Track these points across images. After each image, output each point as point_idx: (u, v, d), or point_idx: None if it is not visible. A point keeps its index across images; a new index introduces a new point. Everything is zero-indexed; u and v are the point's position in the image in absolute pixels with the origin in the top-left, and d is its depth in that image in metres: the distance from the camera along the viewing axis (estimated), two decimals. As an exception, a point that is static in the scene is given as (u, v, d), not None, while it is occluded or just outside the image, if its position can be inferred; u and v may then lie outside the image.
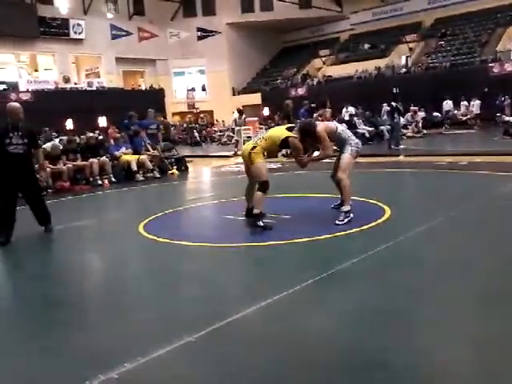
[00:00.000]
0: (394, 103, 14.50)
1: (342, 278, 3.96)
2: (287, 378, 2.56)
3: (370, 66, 27.09)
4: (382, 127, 17.59)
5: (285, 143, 5.80)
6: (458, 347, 2.80)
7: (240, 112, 18.30)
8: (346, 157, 5.97)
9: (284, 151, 14.80)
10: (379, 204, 6.54)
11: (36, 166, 6.63)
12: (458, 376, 2.55)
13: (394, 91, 14.93)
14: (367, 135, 16.91)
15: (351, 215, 5.69)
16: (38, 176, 6.50)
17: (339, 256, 4.47)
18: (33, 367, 2.85)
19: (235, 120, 17.33)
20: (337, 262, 4.21)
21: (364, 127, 17.21)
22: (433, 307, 3.33)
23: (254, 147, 5.78)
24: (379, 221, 5.65)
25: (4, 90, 23.98)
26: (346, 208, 5.78)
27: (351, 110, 19.00)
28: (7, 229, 5.89)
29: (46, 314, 3.72)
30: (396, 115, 14.47)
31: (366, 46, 29.73)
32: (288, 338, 2.97)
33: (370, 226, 5.45)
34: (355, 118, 17.25)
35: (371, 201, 6.80)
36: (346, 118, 17.47)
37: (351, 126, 16.78)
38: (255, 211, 5.67)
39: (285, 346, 2.88)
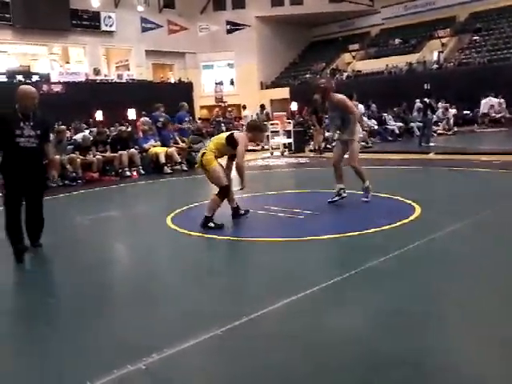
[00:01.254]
0: (426, 99, 14.22)
1: (369, 276, 3.90)
2: (312, 378, 2.54)
3: (400, 61, 26.64)
4: (412, 124, 17.31)
5: (230, 139, 5.77)
6: (488, 349, 2.74)
7: (262, 107, 18.39)
8: (356, 145, 6.61)
9: (312, 146, 14.77)
10: (409, 202, 6.44)
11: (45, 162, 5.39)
12: (487, 377, 2.49)
13: (426, 87, 14.66)
14: (397, 131, 16.69)
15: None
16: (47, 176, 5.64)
17: (366, 254, 4.41)
18: (64, 354, 2.90)
19: (257, 115, 17.36)
20: (363, 261, 4.16)
21: (394, 123, 16.98)
22: (461, 309, 3.27)
23: (204, 153, 5.76)
24: (408, 219, 5.56)
25: (36, 81, 24.42)
26: (366, 183, 6.63)
27: (361, 107, 18.55)
28: (19, 235, 5.02)
29: (76, 304, 3.78)
30: (429, 112, 14.17)
31: (397, 40, 29.25)
32: (313, 337, 2.95)
33: (398, 224, 5.37)
34: (385, 114, 17.01)
35: (401, 198, 6.70)
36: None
37: (381, 121, 16.60)
38: (206, 214, 5.65)
39: (310, 344, 2.86)
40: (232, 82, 33.07)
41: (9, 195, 4.92)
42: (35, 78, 24.55)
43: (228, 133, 6.07)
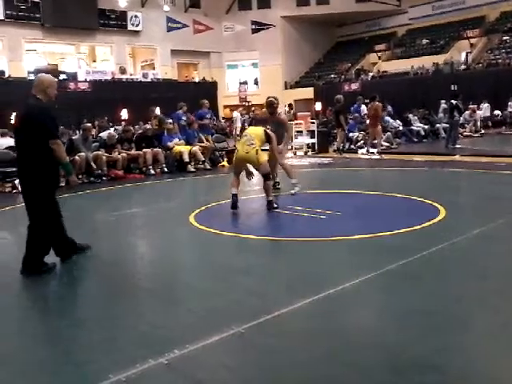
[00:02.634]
0: (453, 101, 13.98)
1: (391, 278, 3.86)
2: (332, 377, 2.53)
3: (427, 61, 26.31)
4: (437, 125, 17.08)
5: (268, 137, 6.82)
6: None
7: (289, 107, 18.37)
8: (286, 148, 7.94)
9: (335, 146, 14.70)
10: (433, 204, 6.35)
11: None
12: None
13: (453, 88, 14.43)
14: (422, 133, 16.48)
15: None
16: None
17: (389, 256, 4.37)
18: (87, 346, 2.96)
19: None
20: (386, 262, 4.12)
21: (419, 124, 16.77)
22: (485, 312, 3.21)
23: (257, 150, 6.54)
24: (433, 221, 5.49)
25: (64, 79, 24.86)
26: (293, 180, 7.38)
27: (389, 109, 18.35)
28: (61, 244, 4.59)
29: (100, 299, 3.84)
30: (455, 113, 13.93)
31: (424, 41, 28.90)
32: (335, 336, 2.94)
33: (423, 226, 5.30)
34: (410, 115, 16.81)
35: (425, 200, 6.61)
36: None
37: (406, 123, 16.41)
38: (269, 199, 6.45)
39: (331, 343, 2.85)
40: (256, 82, 33.10)
41: (49, 198, 4.40)
42: (62, 77, 24.98)
43: (262, 129, 6.89)
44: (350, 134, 14.98)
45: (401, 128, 16.28)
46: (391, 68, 28.27)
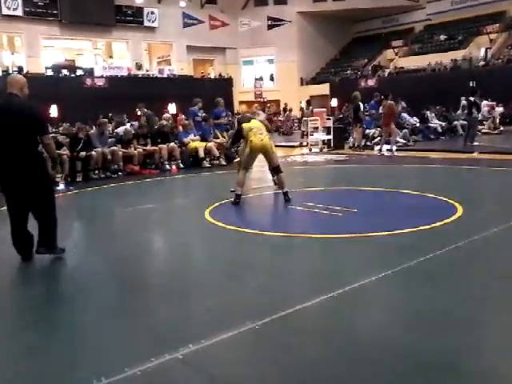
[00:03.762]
0: (471, 98, 13.78)
1: (408, 276, 3.83)
2: (345, 375, 2.52)
3: (445, 58, 25.98)
4: (455, 122, 16.88)
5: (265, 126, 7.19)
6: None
7: (308, 103, 18.28)
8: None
9: (351, 143, 14.62)
10: (450, 201, 6.28)
11: None
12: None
13: (471, 85, 14.21)
14: (439, 130, 16.31)
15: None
16: None
17: (405, 254, 4.33)
18: (102, 341, 2.98)
19: (302, 109, 17.30)
20: (403, 260, 4.08)
21: (436, 121, 16.59)
22: (502, 312, 3.17)
23: (268, 138, 6.84)
24: (450, 219, 5.43)
25: (80, 75, 25.06)
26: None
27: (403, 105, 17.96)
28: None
29: (114, 293, 3.87)
30: (474, 110, 13.73)
31: (442, 37, 28.53)
32: (349, 334, 2.92)
33: (439, 224, 5.24)
34: (427, 112, 16.64)
35: (442, 198, 6.54)
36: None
37: (423, 119, 16.25)
38: (285, 190, 6.62)
39: (345, 341, 2.84)
40: (272, 78, 33.02)
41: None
42: (79, 73, 25.22)
43: (259, 121, 7.15)
44: (367, 131, 14.87)
45: (418, 125, 16.12)
46: (408, 64, 27.98)
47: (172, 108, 23.20)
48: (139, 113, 14.10)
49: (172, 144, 11.66)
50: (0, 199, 4.71)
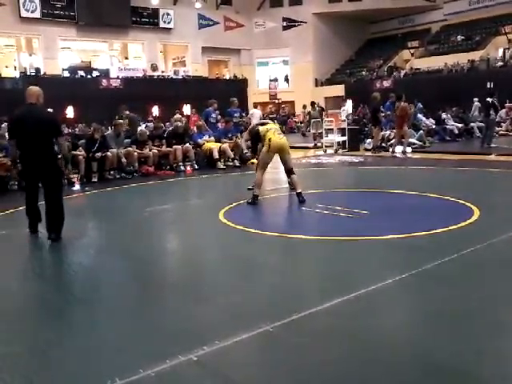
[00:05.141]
0: (489, 99, 13.60)
1: (424, 279, 3.79)
2: (358, 378, 2.49)
3: (462, 58, 25.71)
4: (472, 124, 16.69)
5: None
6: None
7: (312, 104, 18.29)
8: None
9: (367, 145, 14.52)
10: (467, 204, 6.20)
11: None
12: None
13: (489, 86, 14.02)
14: (456, 131, 16.14)
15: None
16: None
17: (421, 256, 4.28)
18: (117, 342, 3.00)
19: (309, 112, 17.26)
20: (419, 263, 4.04)
21: (453, 123, 16.42)
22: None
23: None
24: (467, 222, 5.36)
25: (96, 76, 25.28)
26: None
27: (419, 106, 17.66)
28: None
29: (130, 293, 3.88)
30: (492, 112, 13.54)
31: (460, 37, 28.22)
32: (364, 336, 2.89)
33: (456, 226, 5.18)
34: (443, 114, 16.47)
35: (459, 200, 6.47)
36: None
37: (439, 121, 16.09)
38: (299, 190, 6.61)
39: (360, 344, 2.81)
40: (286, 79, 32.98)
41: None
42: (95, 74, 25.44)
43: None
44: (382, 132, 14.77)
45: (434, 126, 15.97)
46: (424, 65, 27.73)
47: (187, 109, 23.32)
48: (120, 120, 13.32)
49: (187, 145, 11.70)
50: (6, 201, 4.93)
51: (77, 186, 9.58)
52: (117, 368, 2.62)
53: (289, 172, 6.89)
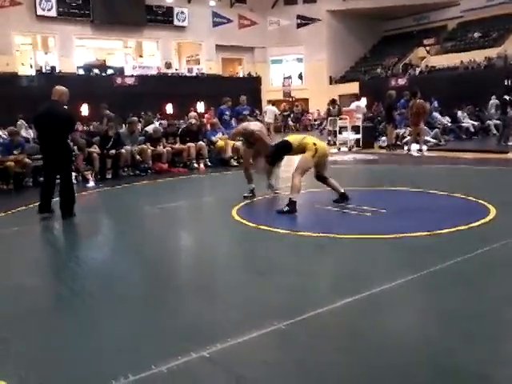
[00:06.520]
0: (506, 96, 13.39)
1: (439, 278, 3.73)
2: (370, 378, 2.47)
3: (479, 56, 25.40)
4: (488, 122, 16.48)
5: None
6: None
7: (334, 102, 18.14)
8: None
9: (381, 142, 14.42)
10: (483, 203, 6.12)
11: None
12: None
13: (506, 83, 13.82)
14: (472, 129, 15.95)
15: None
16: None
17: (437, 255, 4.23)
18: (129, 338, 2.99)
19: (329, 110, 17.13)
20: (434, 262, 3.98)
21: (469, 121, 16.24)
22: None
23: None
24: (482, 221, 5.28)
25: (111, 74, 25.42)
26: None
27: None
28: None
29: (142, 291, 3.89)
30: (509, 109, 13.34)
31: (477, 34, 27.88)
32: (376, 336, 2.86)
33: (471, 226, 5.11)
34: (459, 112, 16.29)
35: (474, 199, 6.38)
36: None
37: (455, 119, 15.92)
38: (342, 191, 6.42)
39: (372, 343, 2.78)
40: (300, 77, 32.87)
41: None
42: (110, 71, 25.59)
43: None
44: (396, 130, 14.65)
45: (449, 124, 15.81)
46: (440, 63, 27.45)
47: (200, 107, 23.36)
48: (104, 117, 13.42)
49: (200, 142, 11.71)
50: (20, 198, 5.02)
51: (91, 183, 9.63)
52: (129, 364, 2.62)
53: (323, 178, 6.52)
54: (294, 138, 6.52)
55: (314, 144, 6.28)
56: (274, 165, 6.78)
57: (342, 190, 6.43)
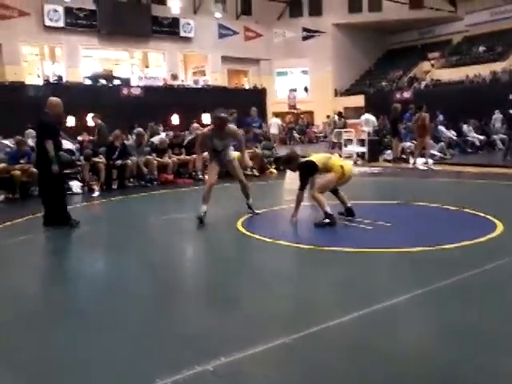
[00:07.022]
0: (511, 111, 13.40)
1: (445, 293, 3.71)
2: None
3: (483, 70, 25.46)
4: (494, 136, 16.47)
5: None
6: None
7: (339, 114, 18.17)
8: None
9: (386, 156, 14.39)
10: (490, 218, 6.09)
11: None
12: None
13: (511, 97, 13.84)
14: (477, 143, 15.94)
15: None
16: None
17: (443, 270, 4.21)
18: (133, 351, 2.98)
19: (335, 122, 17.20)
20: (439, 277, 3.97)
21: (474, 135, 16.23)
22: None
23: None
24: (489, 236, 5.26)
25: (117, 85, 25.57)
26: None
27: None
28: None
29: (146, 303, 3.88)
30: (514, 124, 13.34)
31: (481, 48, 27.97)
32: (383, 351, 2.84)
33: (478, 241, 5.08)
34: (465, 126, 16.29)
35: (480, 214, 6.35)
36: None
37: (460, 133, 15.91)
38: (349, 205, 6.38)
39: (378, 359, 2.76)
40: (306, 89, 32.98)
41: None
42: (116, 82, 25.72)
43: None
44: (402, 144, 14.66)
45: (455, 138, 15.80)
46: (445, 76, 27.53)
47: (206, 118, 23.43)
48: (93, 123, 13.32)
49: (206, 154, 11.71)
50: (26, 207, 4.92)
51: (96, 193, 9.66)
52: (134, 376, 2.61)
53: (335, 190, 6.45)
54: (317, 159, 6.30)
55: (341, 167, 6.20)
56: (302, 190, 6.24)
57: (349, 205, 6.41)
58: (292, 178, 8.31)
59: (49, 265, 5.26)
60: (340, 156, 15.33)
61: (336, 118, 19.60)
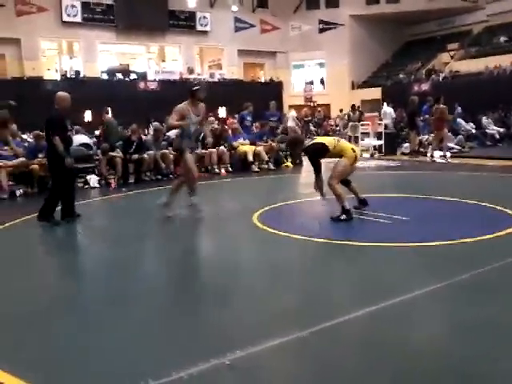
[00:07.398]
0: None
1: (463, 288, 3.68)
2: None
3: (504, 61, 24.97)
4: (514, 128, 16.21)
5: None
6: None
7: (353, 107, 18.05)
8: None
9: (404, 149, 14.26)
10: (509, 212, 5.99)
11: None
12: None
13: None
14: (497, 136, 15.69)
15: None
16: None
17: (460, 264, 4.17)
18: (149, 344, 3.00)
19: (349, 115, 17.08)
20: (457, 271, 3.92)
21: (494, 127, 15.97)
22: None
23: None
24: (508, 230, 5.17)
25: (134, 79, 25.70)
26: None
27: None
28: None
29: (162, 297, 3.91)
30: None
31: (503, 38, 27.42)
32: (398, 346, 2.83)
33: (497, 235, 5.01)
34: (484, 118, 16.04)
35: (499, 208, 6.26)
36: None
37: (479, 126, 15.69)
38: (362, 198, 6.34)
39: (394, 353, 2.75)
40: (322, 82, 32.75)
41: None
42: (133, 76, 25.85)
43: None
44: (419, 137, 14.50)
45: (474, 131, 15.57)
46: (464, 68, 27.07)
47: (222, 112, 23.44)
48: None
49: (221, 148, 11.75)
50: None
51: (113, 187, 9.74)
52: (150, 370, 2.63)
53: (347, 182, 6.36)
54: (327, 141, 6.16)
55: (353, 150, 6.10)
56: (319, 173, 6.07)
57: (362, 197, 6.35)
58: (308, 171, 8.28)
59: (61, 258, 5.32)
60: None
61: (349, 111, 19.46)
